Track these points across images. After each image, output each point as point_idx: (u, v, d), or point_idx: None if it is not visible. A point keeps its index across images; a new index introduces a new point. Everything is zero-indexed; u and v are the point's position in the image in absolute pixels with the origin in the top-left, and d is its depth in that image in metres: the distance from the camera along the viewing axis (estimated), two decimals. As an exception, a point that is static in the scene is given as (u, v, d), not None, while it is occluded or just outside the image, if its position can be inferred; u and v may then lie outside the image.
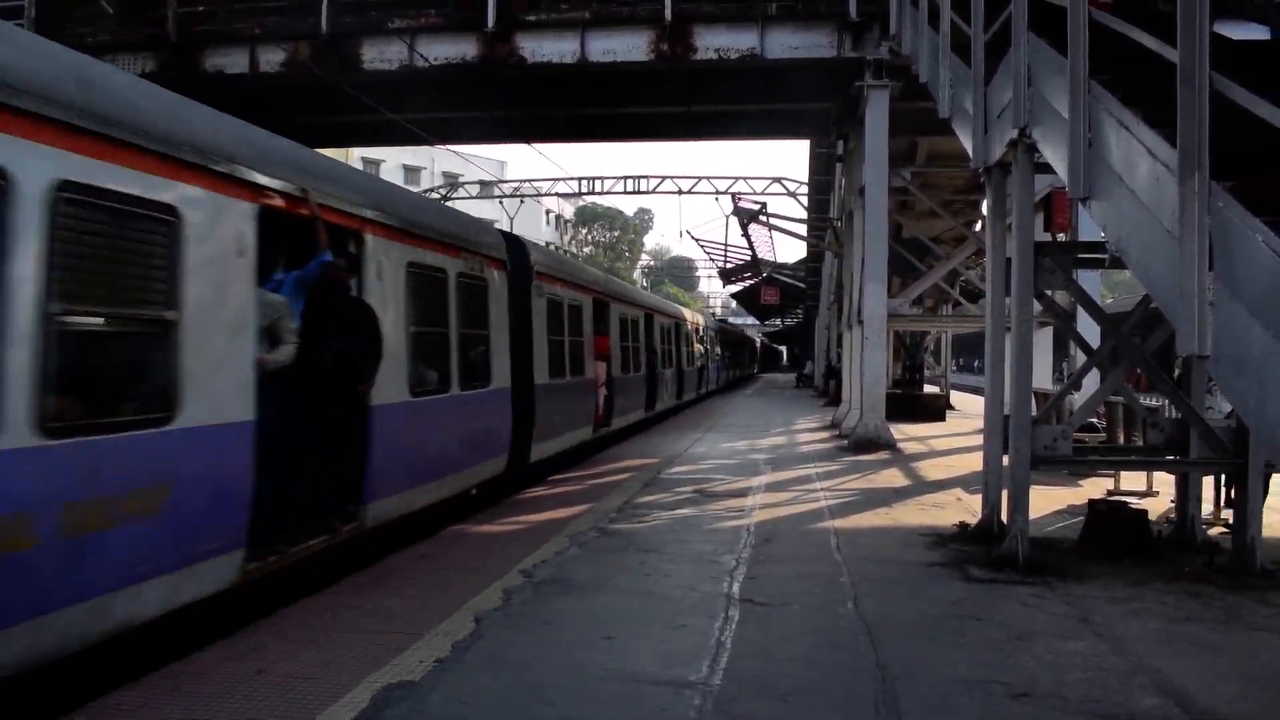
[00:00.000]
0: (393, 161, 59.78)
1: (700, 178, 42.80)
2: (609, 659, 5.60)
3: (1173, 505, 9.51)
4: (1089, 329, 13.01)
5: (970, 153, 9.37)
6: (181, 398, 5.81)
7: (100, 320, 5.42)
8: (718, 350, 42.52)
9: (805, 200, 37.57)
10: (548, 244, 57.29)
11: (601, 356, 17.76)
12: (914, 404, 25.47)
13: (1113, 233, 5.84)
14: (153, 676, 5.26)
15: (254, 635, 6.03)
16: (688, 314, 33.67)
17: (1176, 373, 9.76)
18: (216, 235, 6.26)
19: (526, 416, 12.47)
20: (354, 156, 49.06)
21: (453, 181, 50.80)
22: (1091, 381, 12.72)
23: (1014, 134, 7.79)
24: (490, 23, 18.98)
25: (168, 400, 5.75)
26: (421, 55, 19.23)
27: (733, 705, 4.86)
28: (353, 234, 8.22)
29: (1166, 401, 10.26)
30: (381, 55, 19.66)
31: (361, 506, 8.11)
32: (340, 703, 4.85)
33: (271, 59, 20.00)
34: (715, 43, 18.78)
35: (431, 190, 48.67)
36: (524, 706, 4.85)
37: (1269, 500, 8.40)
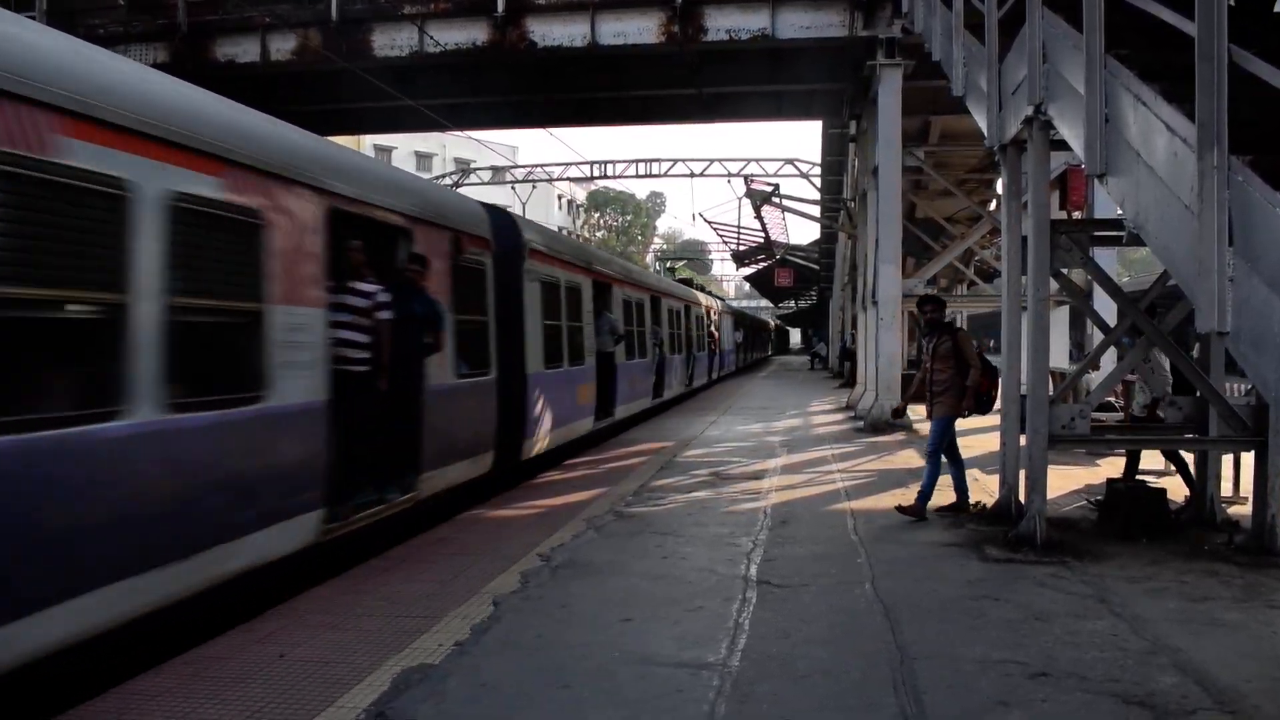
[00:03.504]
0: (404, 149, 59.77)
1: (712, 160, 42.73)
2: (627, 641, 5.61)
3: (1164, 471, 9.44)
4: (1105, 307, 12.93)
5: (985, 131, 9.30)
6: (269, 379, 6.65)
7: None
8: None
9: (818, 181, 37.39)
10: (560, 228, 57.26)
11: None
12: (929, 385, 25.28)
13: (1130, 209, 5.79)
14: (175, 661, 5.32)
15: (274, 620, 6.08)
16: (701, 297, 33.61)
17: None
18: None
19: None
20: (366, 144, 49.09)
21: (464, 168, 50.81)
22: (1110, 360, 12.69)
23: (1029, 111, 7.72)
24: (500, 7, 18.96)
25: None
26: (432, 40, 19.20)
27: (751, 686, 4.86)
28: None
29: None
30: (392, 41, 19.65)
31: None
32: (361, 685, 4.89)
33: (282, 47, 20.01)
34: (726, 24, 18.70)
35: (443, 176, 48.68)
36: (543, 688, 4.87)
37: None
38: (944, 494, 10.07)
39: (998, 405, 9.32)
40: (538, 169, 48.26)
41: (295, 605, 6.42)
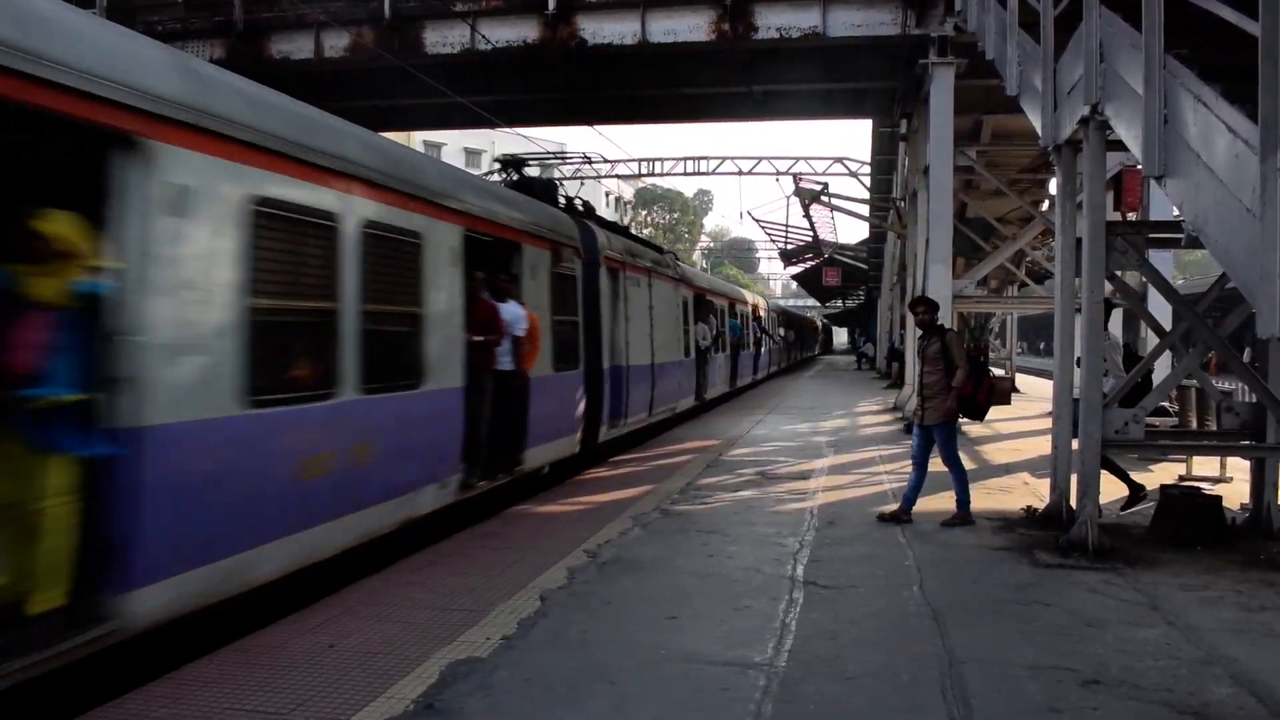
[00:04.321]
0: (454, 145, 60.13)
1: (760, 158, 42.59)
2: (672, 639, 5.62)
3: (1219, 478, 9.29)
4: (1160, 311, 12.75)
5: (1039, 131, 9.20)
6: (425, 369, 8.24)
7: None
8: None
9: (867, 180, 37.17)
10: (607, 226, 57.24)
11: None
12: (979, 387, 25.04)
13: (1189, 211, 5.70)
14: (226, 650, 5.41)
15: (323, 611, 6.16)
16: (748, 296, 33.52)
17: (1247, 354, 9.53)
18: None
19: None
20: (416, 140, 49.45)
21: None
22: (1164, 365, 12.49)
23: (1085, 111, 7.62)
24: (551, 5, 19.02)
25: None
26: (483, 38, 19.32)
27: (798, 686, 4.85)
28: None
29: (1241, 385, 10.01)
30: (444, 39, 19.80)
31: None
32: (409, 677, 4.94)
33: (336, 44, 20.23)
34: (777, 22, 18.62)
35: (490, 173, 48.88)
36: (588, 684, 4.89)
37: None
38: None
39: (1046, 408, 9.20)
40: (585, 165, 48.33)
41: (344, 597, 6.50)
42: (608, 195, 77.70)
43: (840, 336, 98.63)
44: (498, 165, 15.05)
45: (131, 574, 5.07)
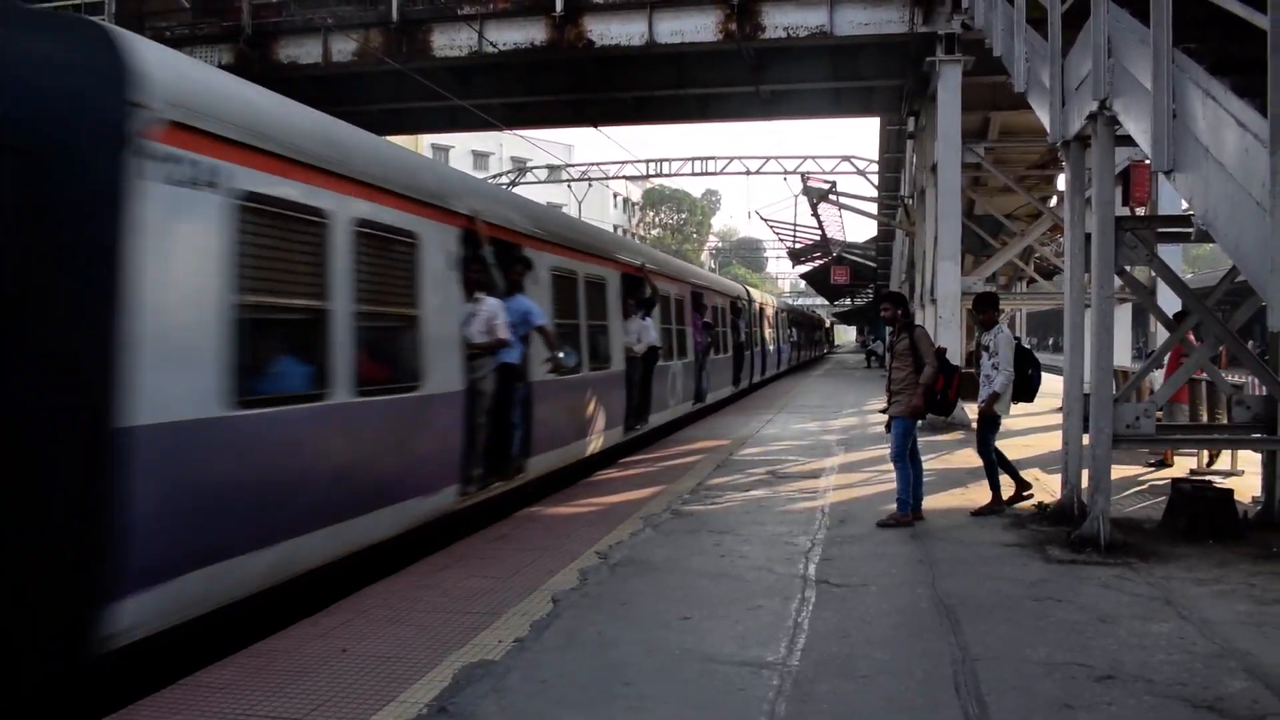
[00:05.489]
0: (461, 148, 60.30)
1: (768, 158, 42.63)
2: (686, 639, 5.62)
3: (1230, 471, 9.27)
4: (1169, 305, 12.71)
5: (1047, 127, 9.18)
6: (424, 373, 7.99)
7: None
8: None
9: (875, 178, 37.17)
10: (615, 227, 57.34)
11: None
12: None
13: (1199, 205, 5.69)
14: (240, 655, 5.42)
15: (337, 615, 6.17)
16: (757, 295, 33.49)
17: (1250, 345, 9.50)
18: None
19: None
20: (424, 144, 49.57)
21: (521, 166, 51.11)
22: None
23: (1094, 106, 7.61)
24: (559, 7, 19.07)
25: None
26: (490, 41, 19.36)
27: (812, 685, 4.86)
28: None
29: (1252, 378, 9.98)
30: (451, 42, 19.87)
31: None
32: (423, 681, 4.94)
33: (344, 48, 20.31)
34: (784, 21, 18.65)
35: (499, 175, 49.00)
36: (603, 686, 4.90)
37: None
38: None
39: (1055, 404, 9.17)
40: (594, 167, 48.44)
41: (357, 601, 6.51)
42: (615, 196, 77.74)
43: (848, 335, 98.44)
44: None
45: None
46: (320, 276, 6.62)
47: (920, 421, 9.36)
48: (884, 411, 9.39)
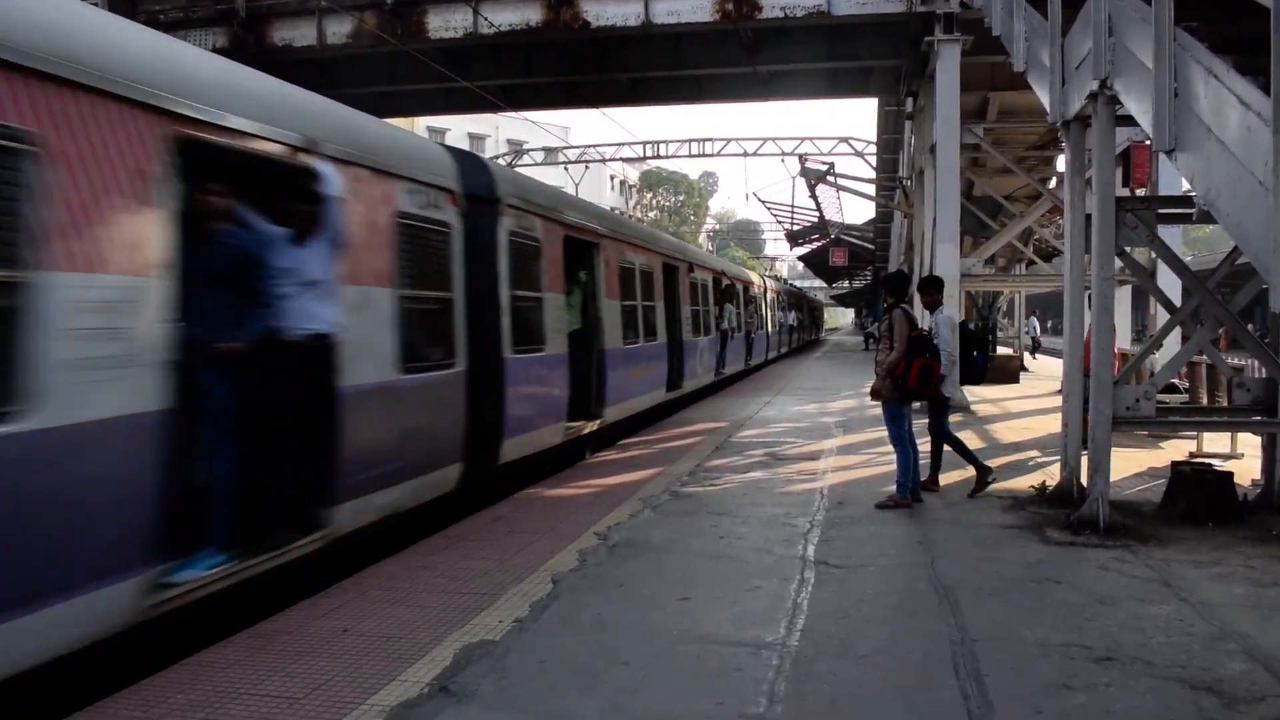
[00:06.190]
0: (457, 130, 59.99)
1: (766, 139, 42.40)
2: (685, 620, 5.63)
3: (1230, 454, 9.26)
4: (1170, 287, 12.68)
5: (1047, 107, 9.15)
6: (456, 353, 8.55)
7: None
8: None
9: (873, 160, 37.04)
10: (613, 209, 57.17)
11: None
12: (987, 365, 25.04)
13: (1200, 185, 5.66)
14: (242, 635, 5.43)
15: (337, 595, 6.18)
16: (754, 276, 33.47)
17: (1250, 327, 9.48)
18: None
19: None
20: (420, 125, 49.35)
21: (517, 149, 50.93)
22: (1174, 341, 12.44)
23: (1094, 86, 7.56)
24: (554, -14, 18.94)
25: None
26: (487, 21, 19.24)
27: (811, 666, 4.86)
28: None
29: (1252, 360, 9.98)
30: (447, 23, 19.73)
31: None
32: (424, 660, 4.95)
33: (338, 30, 20.18)
34: (781, 0, 18.52)
35: (497, 157, 48.84)
36: (602, 666, 4.90)
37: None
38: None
39: (1055, 387, 9.16)
40: (590, 149, 48.27)
41: (358, 581, 6.52)
42: (613, 178, 77.51)
43: (845, 317, 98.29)
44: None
45: None
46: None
47: (916, 405, 9.33)
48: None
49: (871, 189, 39.10)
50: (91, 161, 4.74)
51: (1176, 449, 11.86)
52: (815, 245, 57.84)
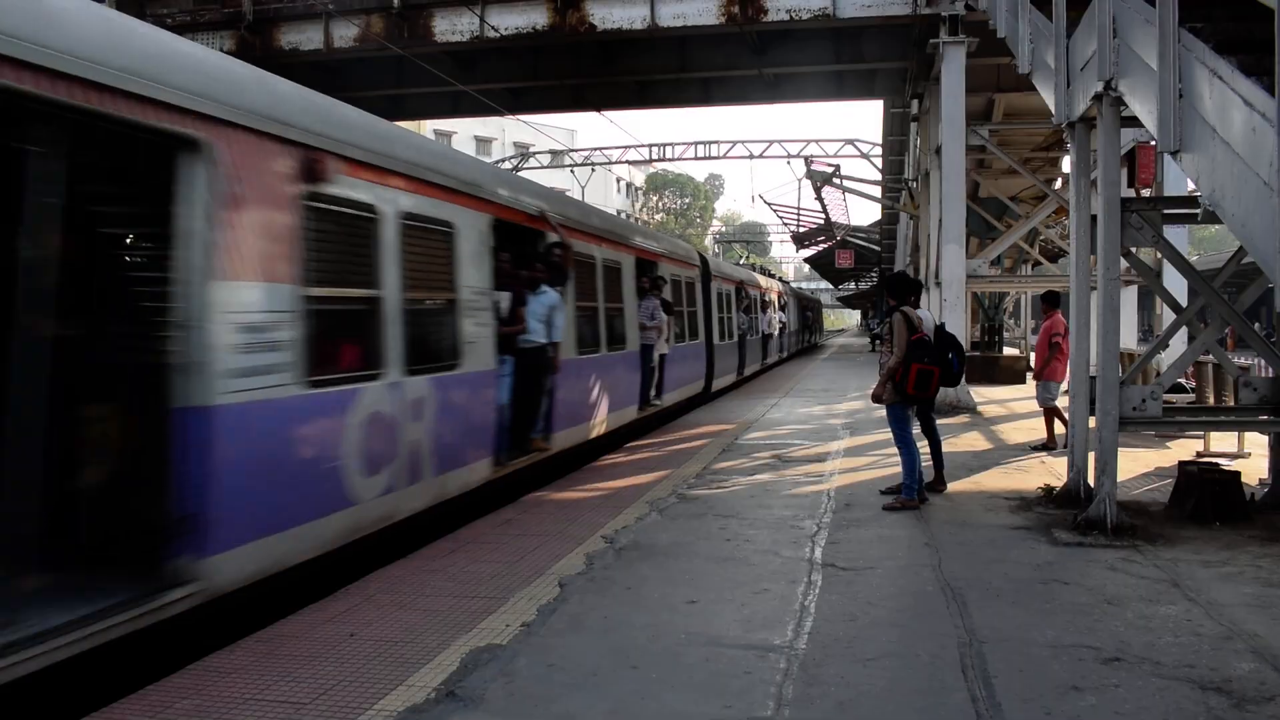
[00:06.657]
0: (464, 133, 60.14)
1: (771, 141, 42.41)
2: (692, 623, 5.63)
3: (1237, 454, 9.25)
4: (1175, 287, 12.67)
5: (1052, 108, 9.14)
6: (461, 351, 8.73)
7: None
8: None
9: (879, 162, 37.00)
10: (619, 211, 57.22)
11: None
12: (993, 366, 25.10)
13: (1206, 186, 5.66)
14: (249, 640, 5.44)
15: (344, 600, 6.19)
16: (761, 280, 33.47)
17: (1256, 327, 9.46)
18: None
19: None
20: (426, 129, 49.43)
21: (524, 152, 50.99)
22: (1180, 341, 12.41)
23: (1099, 87, 7.56)
24: (560, -10, 18.96)
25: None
26: (492, 26, 19.27)
27: (819, 669, 4.86)
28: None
29: (1259, 360, 9.95)
30: (453, 27, 19.75)
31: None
32: (431, 665, 4.96)
33: (345, 34, 20.21)
34: (786, 3, 18.51)
35: (502, 161, 48.90)
36: (611, 669, 4.91)
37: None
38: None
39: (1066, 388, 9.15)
40: (596, 152, 48.31)
41: (365, 585, 6.53)
42: (619, 181, 77.55)
43: (851, 319, 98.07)
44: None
45: None
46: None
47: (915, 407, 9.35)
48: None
49: (877, 191, 39.03)
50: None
51: (1183, 449, 11.84)
52: (821, 247, 57.83)
